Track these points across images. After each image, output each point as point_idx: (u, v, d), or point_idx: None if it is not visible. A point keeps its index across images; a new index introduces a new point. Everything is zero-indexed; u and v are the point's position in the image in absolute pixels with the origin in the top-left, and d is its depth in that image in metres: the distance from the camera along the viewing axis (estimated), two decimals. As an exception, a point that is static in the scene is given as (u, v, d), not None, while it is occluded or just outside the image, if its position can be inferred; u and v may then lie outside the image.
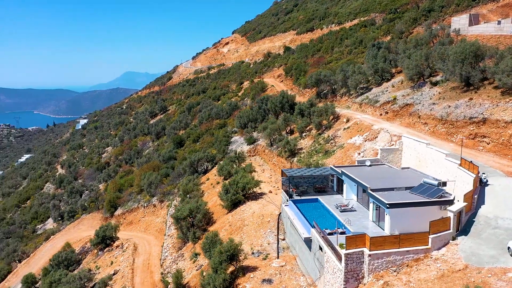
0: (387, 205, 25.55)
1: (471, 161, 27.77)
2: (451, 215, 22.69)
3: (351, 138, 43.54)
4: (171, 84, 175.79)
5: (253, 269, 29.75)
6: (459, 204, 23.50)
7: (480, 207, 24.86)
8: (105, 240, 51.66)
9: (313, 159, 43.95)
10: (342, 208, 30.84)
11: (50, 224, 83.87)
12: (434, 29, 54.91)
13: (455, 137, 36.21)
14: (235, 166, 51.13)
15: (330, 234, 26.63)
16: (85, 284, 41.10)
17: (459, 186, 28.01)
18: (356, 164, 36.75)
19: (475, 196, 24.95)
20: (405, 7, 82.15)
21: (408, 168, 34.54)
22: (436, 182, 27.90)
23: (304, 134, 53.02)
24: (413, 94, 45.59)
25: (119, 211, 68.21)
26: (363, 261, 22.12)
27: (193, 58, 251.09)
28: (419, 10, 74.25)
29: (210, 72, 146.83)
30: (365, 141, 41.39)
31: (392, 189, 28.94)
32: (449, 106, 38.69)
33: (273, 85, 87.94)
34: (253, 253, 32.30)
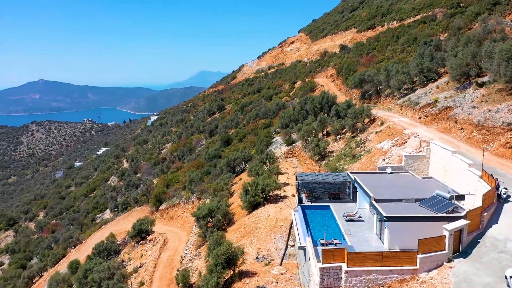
0: (385, 218, 23.57)
1: (491, 174, 24.63)
2: (446, 233, 20.24)
3: (380, 142, 40.91)
4: (232, 84, 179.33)
5: (252, 274, 29.18)
6: (458, 222, 20.89)
7: (491, 227, 21.92)
8: (141, 233, 54.08)
9: (340, 163, 42.06)
10: (349, 217, 29.08)
11: (107, 214, 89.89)
12: (490, 25, 49.52)
13: (492, 145, 32.38)
14: (265, 167, 50.62)
15: (323, 244, 25.28)
16: (113, 274, 43.30)
17: (479, 200, 25.01)
18: (377, 170, 34.43)
19: (485, 214, 22.00)
20: (469, 1, 75.21)
21: (431, 178, 31.58)
22: (448, 195, 25.16)
23: (339, 136, 50.88)
24: (456, 96, 41.60)
25: (163, 206, 71.00)
26: (341, 278, 20.57)
27: (259, 57, 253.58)
28: (483, 3, 67.55)
29: (268, 72, 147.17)
30: (393, 146, 38.60)
31: (400, 200, 26.65)
32: (489, 111, 34.68)
33: (323, 85, 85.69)
34: (257, 258, 31.70)
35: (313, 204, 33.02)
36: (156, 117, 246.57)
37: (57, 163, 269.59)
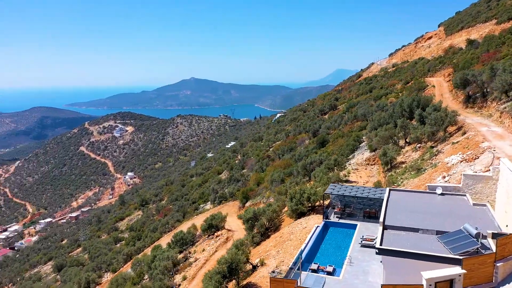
0: (377, 250, 19.59)
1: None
2: (424, 284, 15.64)
3: (450, 156, 34.11)
4: (352, 82, 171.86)
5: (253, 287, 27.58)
6: (448, 270, 15.94)
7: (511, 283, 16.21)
8: (211, 227, 55.96)
9: (402, 177, 36.62)
10: (364, 242, 25.09)
11: (208, 205, 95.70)
12: None
13: None
14: (332, 173, 47.14)
15: (313, 270, 22.36)
16: (173, 263, 45.86)
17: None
18: (425, 190, 28.85)
19: (499, 264, 16.32)
20: None
21: (484, 205, 25.02)
22: (475, 232, 19.57)
23: (419, 145, 44.26)
24: None
25: (248, 203, 72.31)
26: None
27: (390, 55, 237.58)
28: None
29: (388, 70, 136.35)
30: (461, 161, 31.79)
31: (417, 230, 21.83)
32: None
33: (434, 86, 75.70)
34: (273, 272, 29.74)
35: (340, 221, 29.41)
36: (279, 114, 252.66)
37: (193, 154, 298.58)
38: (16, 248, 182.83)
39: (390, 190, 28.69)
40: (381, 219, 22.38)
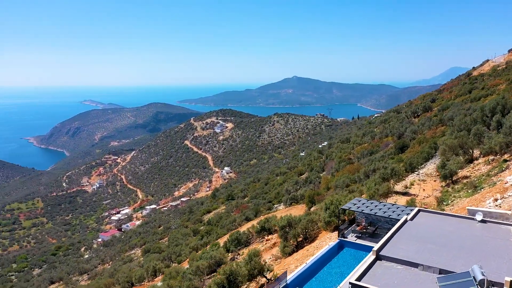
0: (349, 283, 16.58)
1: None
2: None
3: (512, 174, 27.91)
4: (457, 82, 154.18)
5: (255, 303, 25.80)
6: None
7: None
8: (263, 230, 54.74)
9: (456, 195, 31.19)
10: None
11: (281, 206, 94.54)
12: None
13: None
14: (387, 184, 42.41)
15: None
16: (215, 263, 45.87)
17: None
18: (465, 214, 23.90)
19: None
20: None
21: (525, 241, 19.65)
22: (480, 278, 15.32)
23: (492, 158, 37.33)
24: None
25: (313, 208, 69.46)
26: None
27: (510, 50, 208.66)
28: None
29: (498, 68, 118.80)
30: (523, 182, 25.66)
31: (417, 265, 18.00)
32: None
33: (541, 86, 63.79)
34: (282, 288, 27.57)
35: (358, 241, 25.96)
36: (377, 115, 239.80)
37: (287, 152, 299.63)
38: (122, 230, 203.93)
39: (419, 210, 24.48)
40: (377, 246, 18.98)
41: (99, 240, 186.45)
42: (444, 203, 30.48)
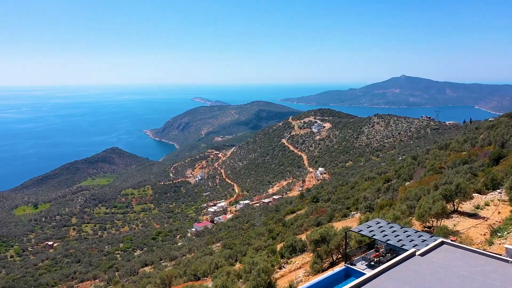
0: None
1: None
2: None
3: None
4: None
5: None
6: None
7: None
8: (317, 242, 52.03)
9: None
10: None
11: (358, 214, 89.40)
12: None
13: None
14: (441, 203, 36.91)
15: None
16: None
17: None
18: (503, 254, 19.36)
19: None
20: None
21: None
22: None
23: None
24: None
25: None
26: None
27: None
28: None
29: None
30: None
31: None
32: None
33: None
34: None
35: (365, 271, 22.74)
36: (492, 118, 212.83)
37: (386, 156, 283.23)
38: (214, 222, 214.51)
39: (442, 242, 20.64)
40: (347, 286, 16.34)
41: (193, 229, 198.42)
42: (498, 233, 25.13)
